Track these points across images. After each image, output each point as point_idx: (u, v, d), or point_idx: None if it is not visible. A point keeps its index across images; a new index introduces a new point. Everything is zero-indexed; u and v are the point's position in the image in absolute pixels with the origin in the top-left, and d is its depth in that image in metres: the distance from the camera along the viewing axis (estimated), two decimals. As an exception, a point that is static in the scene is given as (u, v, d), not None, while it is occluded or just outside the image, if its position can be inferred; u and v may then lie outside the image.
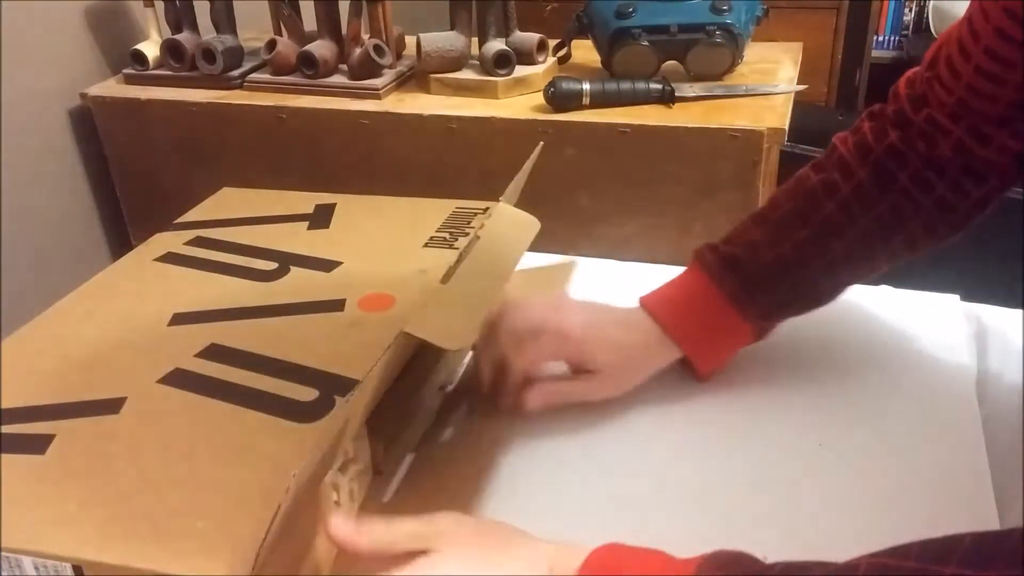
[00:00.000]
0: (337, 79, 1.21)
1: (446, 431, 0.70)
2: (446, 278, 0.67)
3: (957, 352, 0.77)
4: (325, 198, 0.87)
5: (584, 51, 1.24)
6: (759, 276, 0.70)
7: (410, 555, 0.51)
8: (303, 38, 1.25)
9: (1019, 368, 0.74)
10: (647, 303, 0.72)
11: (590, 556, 0.49)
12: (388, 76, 1.21)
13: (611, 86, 1.11)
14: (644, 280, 0.78)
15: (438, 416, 0.72)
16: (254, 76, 1.24)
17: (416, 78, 1.24)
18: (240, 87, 1.24)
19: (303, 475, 0.50)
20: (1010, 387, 0.72)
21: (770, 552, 0.58)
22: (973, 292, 0.84)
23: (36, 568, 0.48)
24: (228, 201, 0.90)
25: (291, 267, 0.75)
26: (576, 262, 0.88)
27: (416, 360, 0.68)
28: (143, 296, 0.73)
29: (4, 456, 0.55)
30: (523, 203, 0.79)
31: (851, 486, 0.63)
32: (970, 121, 0.65)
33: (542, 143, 0.76)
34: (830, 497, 0.62)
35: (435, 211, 0.82)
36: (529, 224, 0.77)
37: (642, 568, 0.49)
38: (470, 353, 0.77)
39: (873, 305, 0.84)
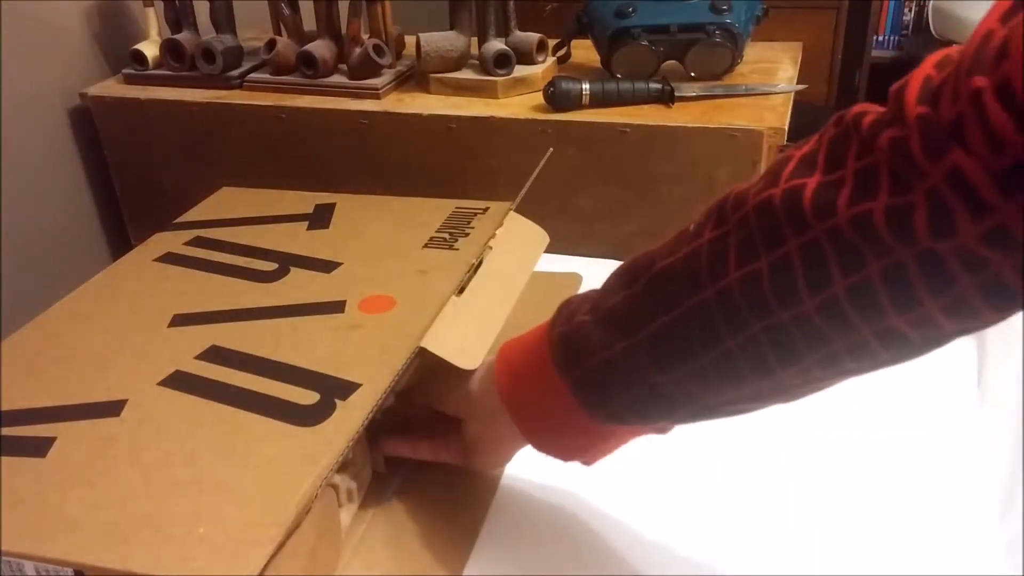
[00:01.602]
0: (337, 79, 1.21)
1: (446, 432, 0.70)
2: (460, 291, 0.67)
3: (957, 352, 0.77)
4: (325, 198, 0.87)
5: (584, 51, 1.24)
6: (604, 375, 0.51)
7: None
8: (303, 38, 1.25)
9: (1019, 368, 0.74)
10: (498, 363, 0.58)
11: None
12: (388, 76, 1.21)
13: (611, 86, 1.10)
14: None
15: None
16: (254, 76, 1.24)
17: (416, 78, 1.24)
18: (240, 87, 1.23)
19: (324, 485, 0.50)
20: (1010, 388, 0.72)
21: (768, 551, 0.58)
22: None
23: (37, 571, 0.48)
24: (228, 201, 0.90)
25: (291, 268, 0.75)
26: (582, 278, 0.88)
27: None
28: (143, 297, 0.73)
29: (4, 459, 0.55)
30: (524, 202, 0.79)
31: (850, 486, 0.63)
32: None
33: (552, 149, 0.76)
34: (829, 497, 0.62)
35: (435, 211, 0.82)
36: (539, 238, 0.78)
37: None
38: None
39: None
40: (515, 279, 0.72)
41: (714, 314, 0.45)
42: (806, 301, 0.41)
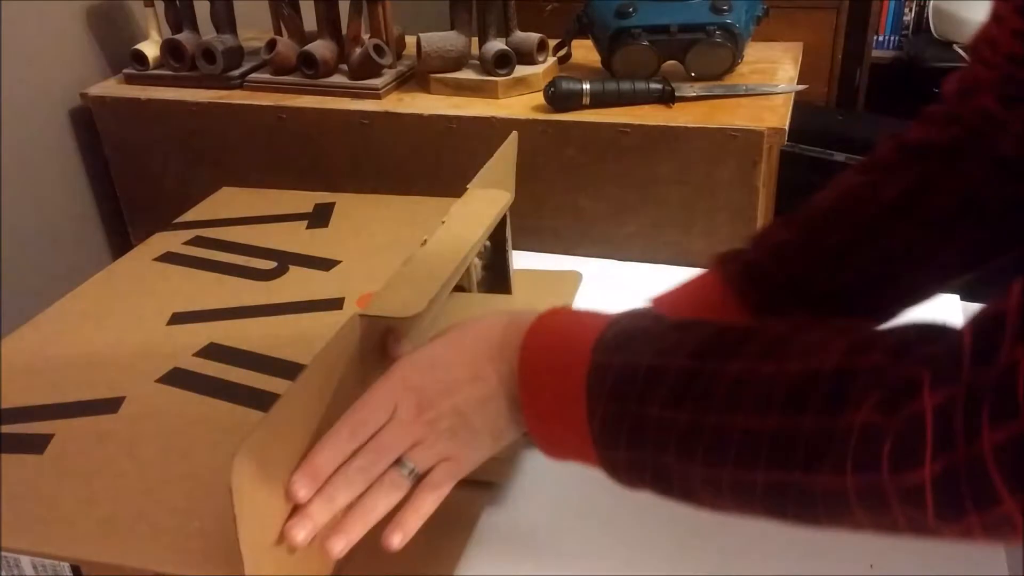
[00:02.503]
0: (337, 79, 1.21)
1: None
2: (407, 263, 0.65)
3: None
4: (324, 197, 0.87)
5: (584, 51, 1.24)
6: (786, 288, 0.61)
7: None
8: (303, 38, 1.25)
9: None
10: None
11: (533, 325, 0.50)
12: (388, 76, 1.21)
13: (611, 86, 1.10)
14: (644, 280, 0.77)
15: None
16: (254, 76, 1.24)
17: (416, 78, 1.24)
18: (240, 87, 1.24)
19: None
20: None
21: (769, 551, 0.58)
22: (973, 292, 0.84)
23: (35, 567, 0.48)
24: (228, 201, 0.90)
25: (290, 266, 0.75)
26: (581, 276, 0.88)
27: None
28: (142, 296, 0.73)
29: (3, 455, 0.55)
30: (523, 202, 0.79)
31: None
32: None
33: (515, 132, 0.75)
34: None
35: (434, 210, 0.82)
36: (498, 198, 0.75)
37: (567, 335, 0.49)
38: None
39: (873, 305, 0.83)
40: (465, 237, 0.68)
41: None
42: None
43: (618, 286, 0.85)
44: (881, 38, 2.74)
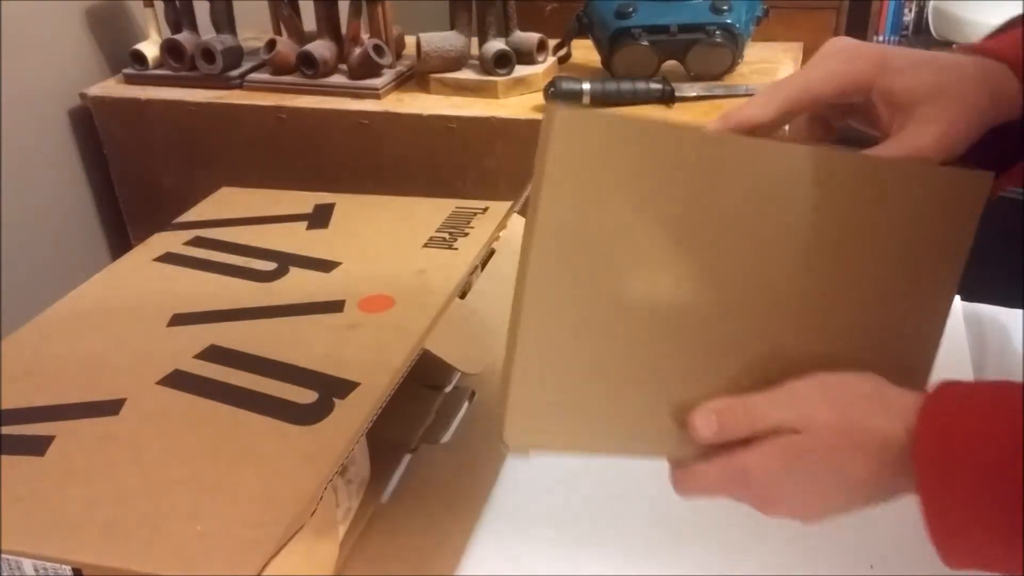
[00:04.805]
0: (337, 79, 1.21)
1: (445, 431, 0.71)
2: (463, 294, 0.67)
3: (957, 352, 0.77)
4: (324, 198, 0.87)
5: (584, 51, 1.24)
6: None
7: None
8: (303, 38, 1.25)
9: (1019, 368, 0.74)
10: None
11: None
12: (388, 76, 1.21)
13: (611, 86, 1.10)
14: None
15: (437, 416, 0.72)
16: (254, 76, 1.24)
17: (416, 78, 1.24)
18: (240, 87, 1.24)
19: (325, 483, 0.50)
20: (1010, 388, 0.72)
21: (769, 552, 0.58)
22: (973, 292, 0.84)
23: (36, 570, 0.48)
24: (227, 201, 0.90)
25: (290, 267, 0.75)
26: None
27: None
28: (142, 296, 0.73)
29: (4, 457, 0.55)
30: (523, 202, 0.79)
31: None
32: None
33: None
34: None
35: (434, 211, 0.82)
36: None
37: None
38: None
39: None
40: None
41: None
42: None
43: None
44: (881, 38, 2.74)
